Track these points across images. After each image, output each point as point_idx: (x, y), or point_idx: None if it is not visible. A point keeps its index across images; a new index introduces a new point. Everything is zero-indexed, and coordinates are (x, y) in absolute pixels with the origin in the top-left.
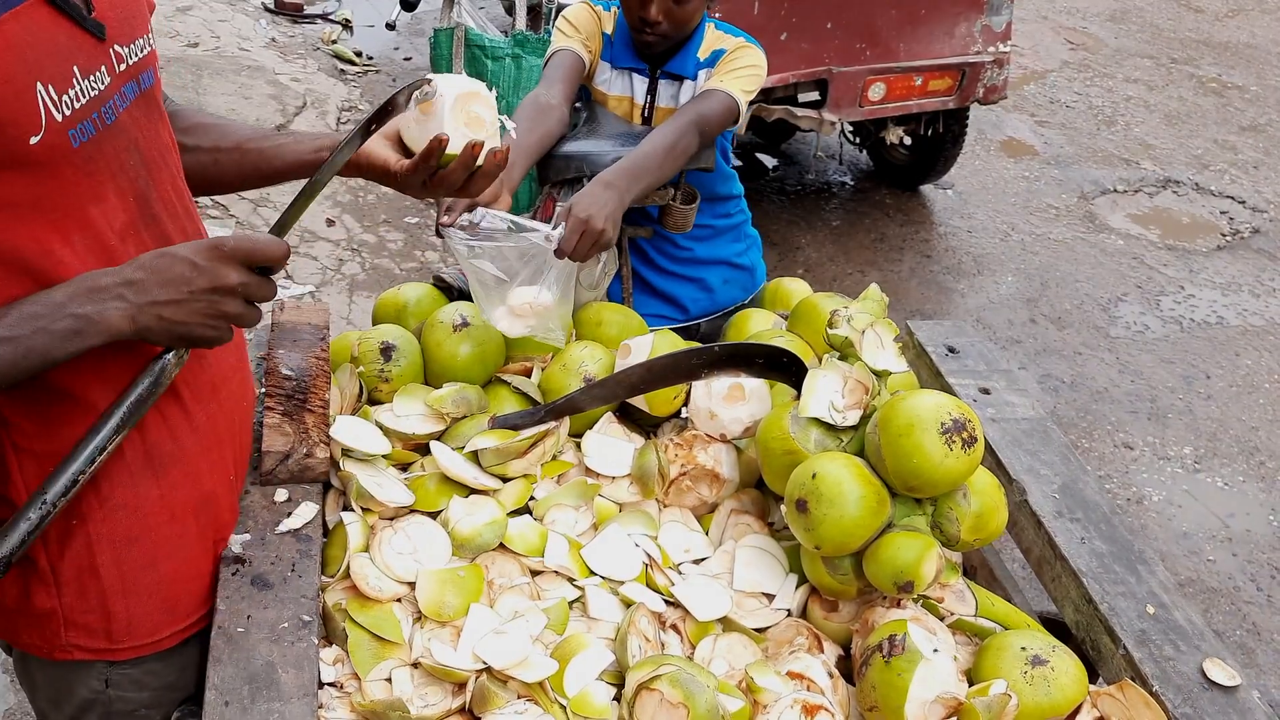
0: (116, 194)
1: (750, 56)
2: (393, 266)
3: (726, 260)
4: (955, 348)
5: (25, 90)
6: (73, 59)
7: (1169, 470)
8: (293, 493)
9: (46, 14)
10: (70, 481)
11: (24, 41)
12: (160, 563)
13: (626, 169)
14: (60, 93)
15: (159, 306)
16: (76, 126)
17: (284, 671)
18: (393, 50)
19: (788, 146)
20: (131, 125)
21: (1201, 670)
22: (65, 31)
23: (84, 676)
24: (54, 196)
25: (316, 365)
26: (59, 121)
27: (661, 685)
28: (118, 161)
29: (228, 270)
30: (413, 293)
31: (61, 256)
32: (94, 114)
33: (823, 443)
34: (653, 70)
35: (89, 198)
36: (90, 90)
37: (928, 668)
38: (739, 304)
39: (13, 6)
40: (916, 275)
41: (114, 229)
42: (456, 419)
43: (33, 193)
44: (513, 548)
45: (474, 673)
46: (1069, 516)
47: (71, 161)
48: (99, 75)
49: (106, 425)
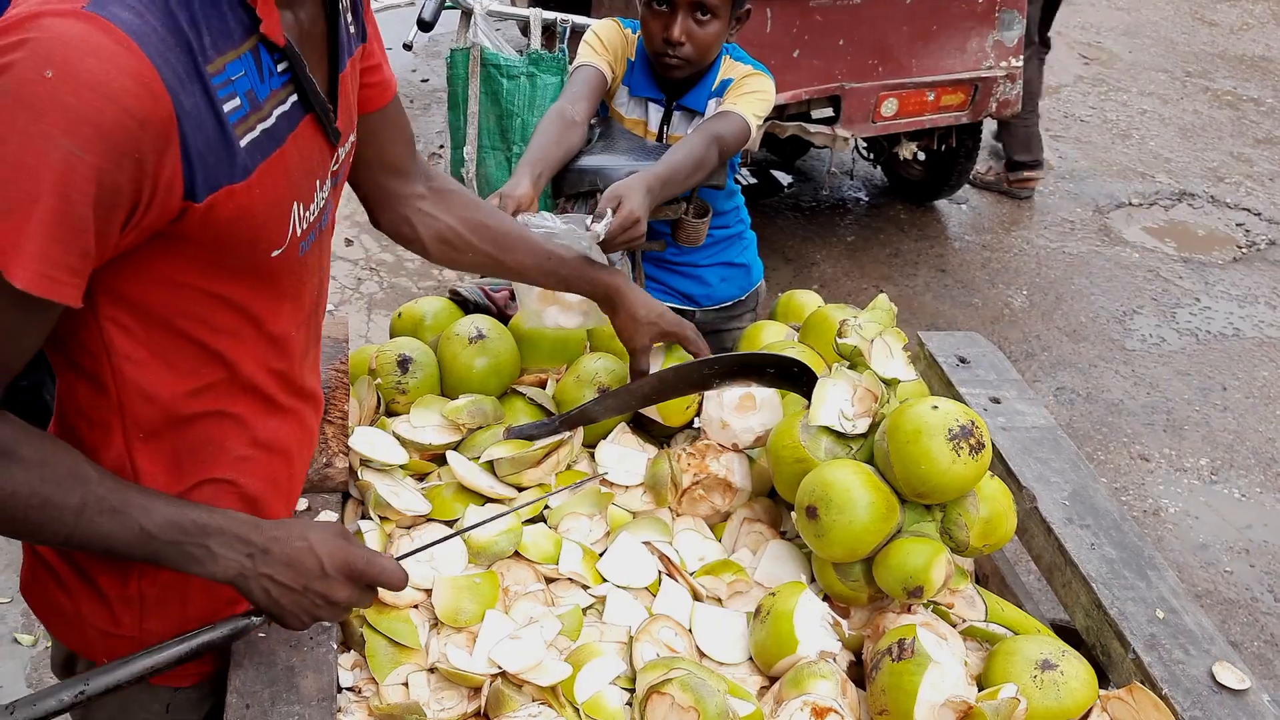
0: (307, 291)
1: (759, 82)
2: (410, 285)
3: (724, 261)
4: (966, 358)
5: (285, 212)
6: (318, 173)
7: (1185, 482)
8: (312, 502)
9: (312, 132)
10: (113, 685)
11: (295, 163)
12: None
13: (661, 175)
14: (305, 207)
15: (271, 583)
16: (306, 239)
17: (303, 676)
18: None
19: (802, 163)
20: (330, 227)
21: (1211, 674)
22: (319, 146)
23: (146, 702)
24: (264, 296)
25: (336, 377)
26: (297, 236)
27: (672, 689)
28: (317, 263)
29: (345, 587)
30: (429, 306)
31: (246, 339)
32: (319, 224)
33: (833, 451)
34: (669, 100)
35: (290, 296)
36: (321, 200)
37: (937, 671)
38: (736, 300)
39: (294, 128)
40: (931, 289)
41: (294, 322)
42: (472, 430)
43: (251, 293)
44: (527, 555)
45: (489, 677)
46: (1079, 523)
47: (292, 269)
48: (328, 184)
49: (169, 652)
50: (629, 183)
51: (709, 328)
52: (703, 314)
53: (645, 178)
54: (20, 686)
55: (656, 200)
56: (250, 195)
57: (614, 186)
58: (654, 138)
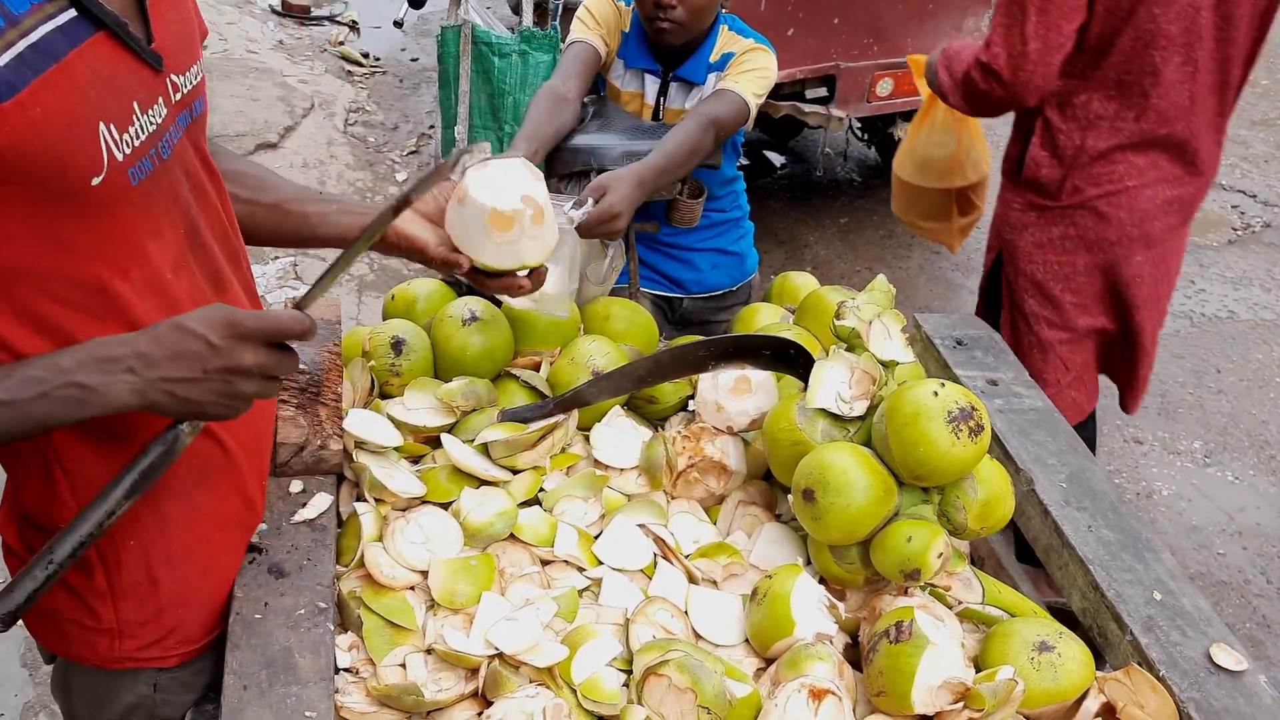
0: (170, 227)
1: (761, 59)
2: (400, 267)
3: (717, 248)
4: (963, 340)
5: (89, 132)
6: (133, 94)
7: (1179, 464)
8: (307, 484)
9: (109, 48)
10: (78, 544)
11: (87, 80)
12: (211, 571)
13: (656, 167)
14: (121, 131)
15: (170, 384)
16: (135, 165)
17: (301, 656)
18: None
19: (795, 143)
20: (184, 154)
21: (1208, 655)
22: (127, 66)
23: (131, 683)
24: (113, 236)
25: (329, 359)
26: (119, 161)
27: (669, 670)
28: (172, 194)
29: (244, 350)
30: (423, 288)
31: (120, 293)
32: (151, 150)
33: (830, 433)
34: (665, 72)
35: (146, 234)
36: (149, 126)
37: (935, 653)
38: (726, 289)
39: (78, 44)
40: (925, 272)
41: (168, 262)
42: (466, 412)
43: (94, 234)
44: (523, 538)
45: (486, 658)
46: (1076, 505)
47: (130, 199)
48: (157, 109)
49: (115, 492)
50: (620, 174)
51: (696, 317)
52: (690, 302)
53: (639, 170)
54: (15, 667)
55: (649, 193)
56: (28, 115)
57: (604, 176)
58: (650, 110)
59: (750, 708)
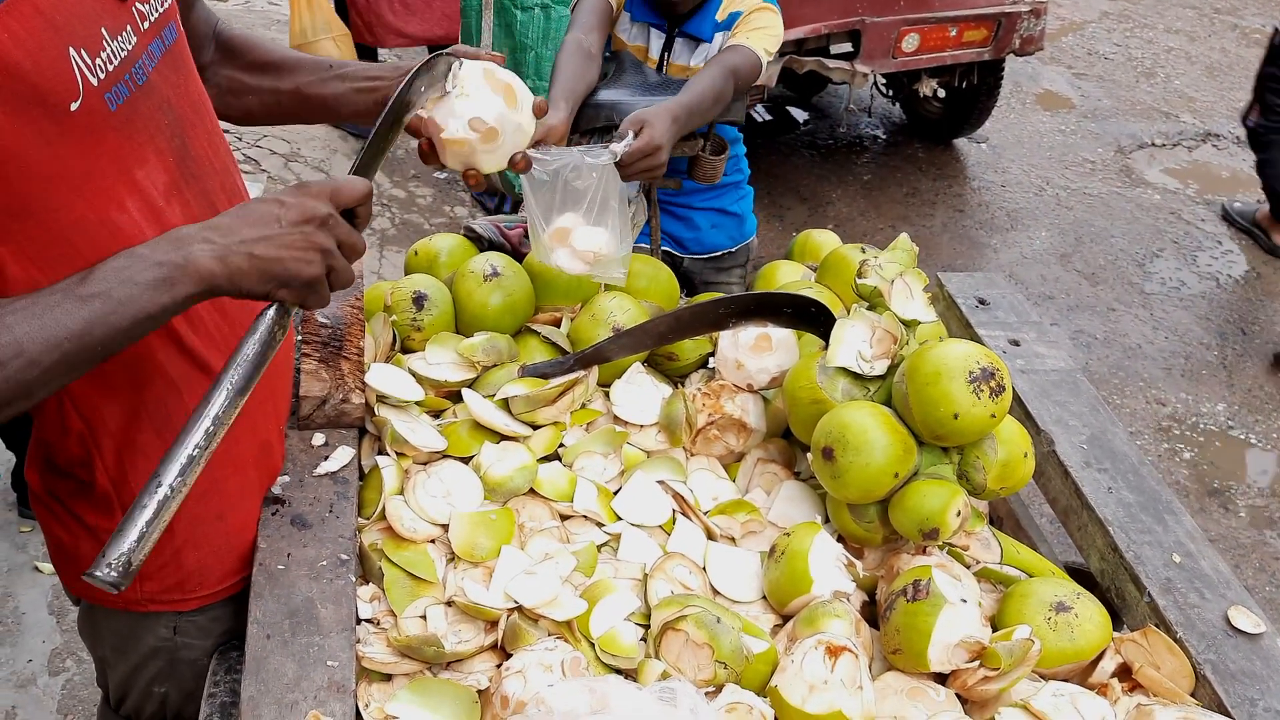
0: (156, 155)
1: (767, 18)
2: (422, 221)
3: (718, 208)
4: (985, 299)
5: (59, 57)
6: (100, 20)
7: (1202, 427)
8: (329, 437)
9: None
10: (187, 460)
11: (50, 5)
12: (227, 514)
13: (688, 104)
14: (93, 56)
15: (249, 244)
16: (111, 90)
17: (323, 607)
18: None
19: (819, 99)
20: (162, 83)
21: (1226, 618)
22: None
23: (153, 626)
24: (102, 164)
25: (351, 313)
26: (95, 86)
27: (687, 625)
28: (154, 122)
29: (316, 203)
30: (444, 243)
31: (119, 223)
32: (126, 76)
33: (850, 392)
34: (670, 27)
35: (132, 161)
36: (120, 52)
37: (952, 612)
38: (725, 250)
39: None
40: (949, 230)
41: (158, 190)
42: (487, 367)
43: (82, 162)
44: (542, 493)
45: (505, 611)
46: (1096, 467)
47: (111, 125)
48: (126, 35)
49: (218, 395)
50: (655, 109)
51: (695, 279)
52: (690, 262)
53: (670, 106)
54: (42, 614)
55: (682, 130)
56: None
57: (638, 112)
58: (654, 65)
59: (767, 663)
